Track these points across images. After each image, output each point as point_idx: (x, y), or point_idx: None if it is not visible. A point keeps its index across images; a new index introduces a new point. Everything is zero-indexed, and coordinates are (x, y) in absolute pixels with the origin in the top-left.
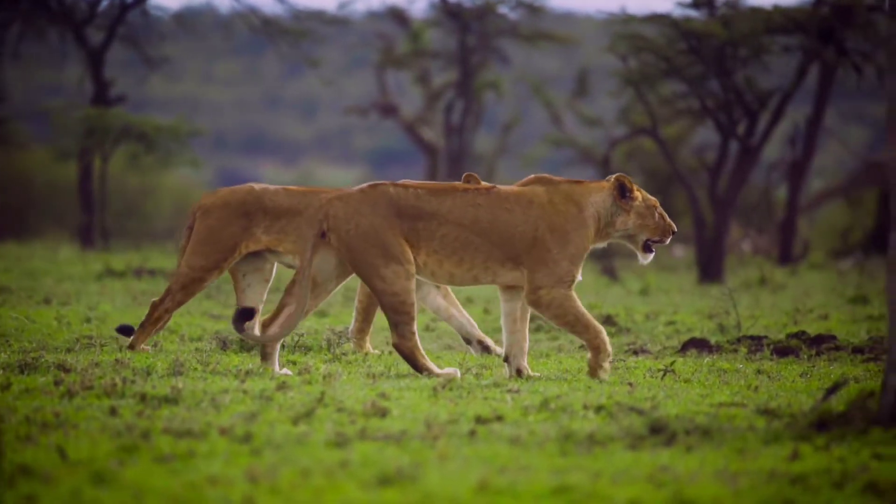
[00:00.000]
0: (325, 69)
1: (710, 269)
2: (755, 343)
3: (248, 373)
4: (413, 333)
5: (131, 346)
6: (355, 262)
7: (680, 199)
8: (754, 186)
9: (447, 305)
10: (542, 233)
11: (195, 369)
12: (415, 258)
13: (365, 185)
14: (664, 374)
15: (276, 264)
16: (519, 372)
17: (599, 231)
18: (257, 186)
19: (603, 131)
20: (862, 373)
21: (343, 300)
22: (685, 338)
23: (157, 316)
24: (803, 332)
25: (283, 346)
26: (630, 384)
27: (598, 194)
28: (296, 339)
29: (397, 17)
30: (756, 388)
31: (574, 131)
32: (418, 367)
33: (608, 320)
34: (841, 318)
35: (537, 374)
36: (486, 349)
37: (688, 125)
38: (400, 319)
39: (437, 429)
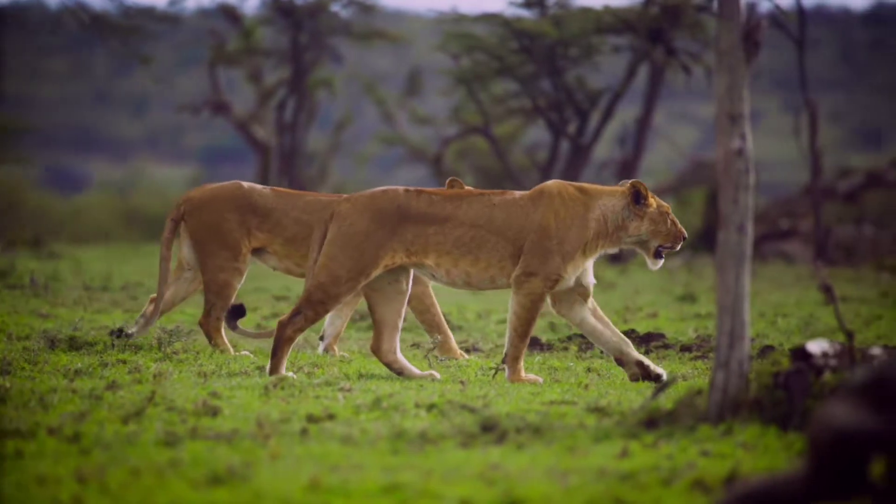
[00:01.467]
0: (156, 66)
1: None
2: (585, 341)
3: (77, 372)
4: (300, 331)
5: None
6: (329, 250)
7: None
8: None
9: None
10: (547, 220)
11: (23, 368)
12: (423, 261)
13: (377, 189)
14: (496, 373)
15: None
16: (639, 364)
17: (609, 235)
18: (245, 184)
19: (435, 130)
20: (690, 370)
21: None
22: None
23: (214, 330)
24: (633, 331)
25: (112, 346)
26: (462, 382)
27: (610, 198)
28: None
29: (229, 14)
30: (586, 386)
31: (406, 130)
32: (275, 352)
33: None
34: (669, 316)
35: (668, 376)
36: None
37: (519, 124)
38: (308, 313)
39: (269, 428)
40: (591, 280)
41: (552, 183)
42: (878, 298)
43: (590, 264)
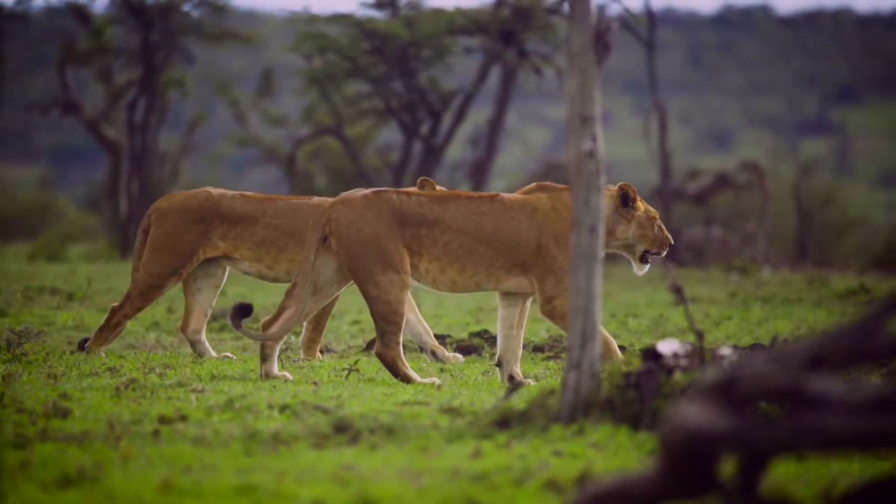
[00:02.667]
0: (4, 65)
1: None
2: (438, 341)
3: None
4: (398, 343)
5: (86, 350)
6: (353, 266)
7: None
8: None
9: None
10: (546, 241)
11: None
12: (417, 265)
13: (369, 191)
14: (349, 373)
15: (227, 269)
16: (511, 378)
17: None
18: (214, 191)
19: (288, 130)
20: (542, 371)
21: None
22: (370, 337)
23: (115, 322)
24: (486, 331)
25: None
26: (315, 383)
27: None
28: None
29: (78, 13)
30: (439, 386)
31: (259, 130)
32: (399, 377)
33: None
34: None
35: (529, 381)
36: (437, 358)
37: (372, 125)
38: (388, 329)
39: (120, 429)
40: None
41: (544, 197)
42: (727, 299)
43: None
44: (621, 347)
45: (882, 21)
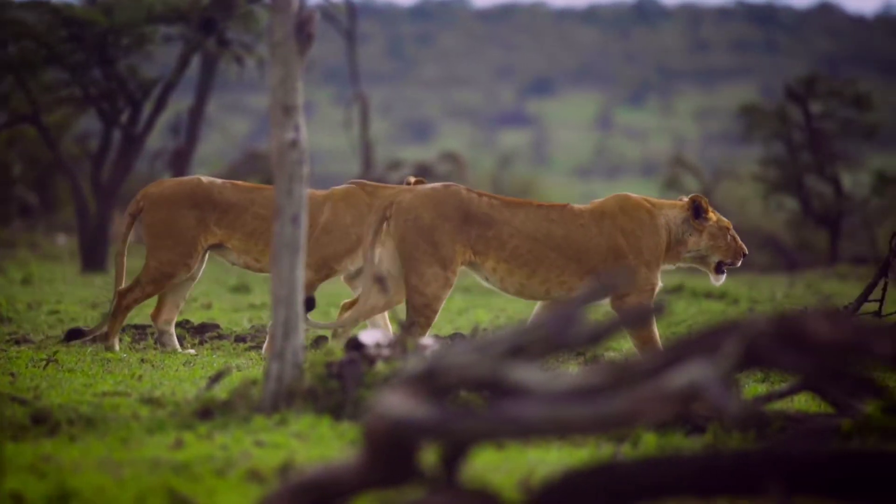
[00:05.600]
0: None
1: (93, 258)
2: (139, 332)
3: None
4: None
5: (105, 338)
6: (403, 251)
7: (63, 187)
8: (138, 174)
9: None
10: (616, 240)
11: None
12: (483, 264)
13: (439, 184)
14: (47, 364)
15: (204, 262)
16: None
17: (670, 248)
18: (205, 179)
19: None
20: (245, 361)
21: None
22: (69, 327)
23: (125, 305)
24: (187, 321)
25: None
26: (12, 374)
27: (671, 210)
28: None
29: None
30: (140, 376)
31: None
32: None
33: None
34: (223, 307)
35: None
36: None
37: (70, 113)
38: (419, 320)
39: None
40: None
41: (612, 199)
42: None
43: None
44: (323, 338)
45: (576, 14)
